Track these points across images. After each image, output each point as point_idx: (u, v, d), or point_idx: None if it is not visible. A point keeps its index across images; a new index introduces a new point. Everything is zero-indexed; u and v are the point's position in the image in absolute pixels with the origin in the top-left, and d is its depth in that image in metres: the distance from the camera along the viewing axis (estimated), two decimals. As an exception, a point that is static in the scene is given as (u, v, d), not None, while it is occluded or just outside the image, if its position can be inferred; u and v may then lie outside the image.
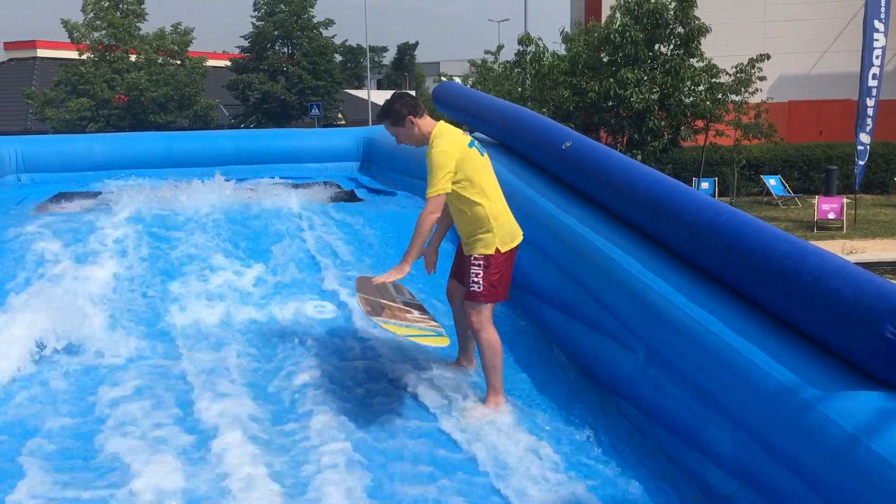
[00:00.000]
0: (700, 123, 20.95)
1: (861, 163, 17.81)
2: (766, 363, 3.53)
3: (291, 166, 9.54)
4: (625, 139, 21.37)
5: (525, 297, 5.68)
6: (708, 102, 20.32)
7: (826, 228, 17.66)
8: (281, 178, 8.92)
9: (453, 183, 4.26)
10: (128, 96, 28.53)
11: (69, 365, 4.75)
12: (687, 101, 20.61)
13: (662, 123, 20.66)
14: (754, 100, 20.51)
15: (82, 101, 27.96)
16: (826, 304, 3.45)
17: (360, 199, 7.96)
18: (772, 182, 21.54)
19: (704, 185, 20.58)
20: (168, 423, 4.16)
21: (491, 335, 4.32)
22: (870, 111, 17.31)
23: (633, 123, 20.81)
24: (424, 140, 4.40)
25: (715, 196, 19.76)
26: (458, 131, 4.45)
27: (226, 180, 7.51)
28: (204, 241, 6.30)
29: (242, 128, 34.35)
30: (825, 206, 17.88)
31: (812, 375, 3.37)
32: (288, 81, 36.51)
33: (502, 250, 4.31)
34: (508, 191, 6.18)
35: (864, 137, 17.53)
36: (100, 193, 7.53)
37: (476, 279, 4.27)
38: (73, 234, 6.23)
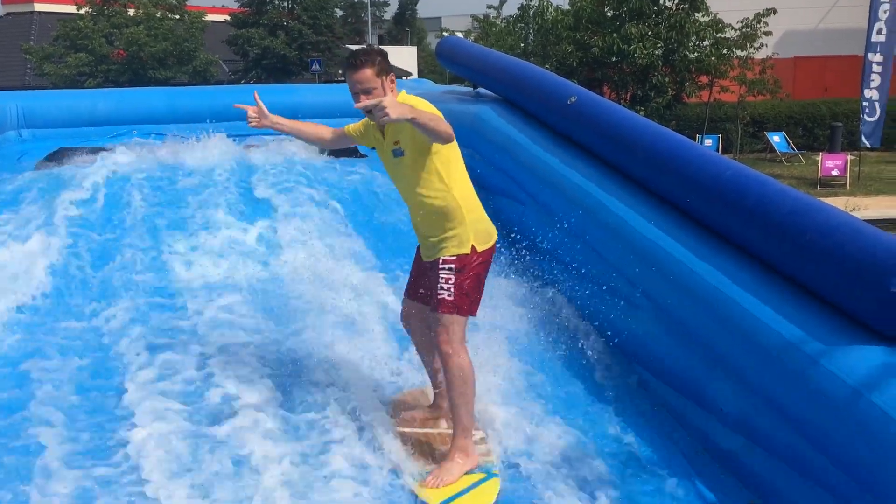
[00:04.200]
0: (704, 79, 20.78)
1: (869, 119, 17.63)
2: (770, 318, 3.54)
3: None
4: (628, 95, 21.21)
5: (531, 256, 5.67)
6: (713, 58, 20.13)
7: (829, 185, 17.61)
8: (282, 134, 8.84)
9: (429, 158, 3.43)
10: (126, 51, 28.21)
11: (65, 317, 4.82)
12: (691, 56, 20.42)
13: (666, 79, 20.50)
14: (759, 55, 20.31)
15: (80, 56, 27.65)
16: (831, 259, 3.45)
17: (362, 156, 7.91)
18: (776, 139, 21.43)
19: (708, 141, 20.48)
20: (175, 375, 4.21)
21: (463, 360, 3.45)
22: (875, 67, 17.16)
23: (636, 79, 20.65)
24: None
25: (718, 153, 19.69)
26: None
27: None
28: (205, 197, 6.28)
29: (242, 83, 34.06)
30: (829, 163, 17.80)
31: (816, 331, 3.39)
32: (288, 37, 36.06)
33: (479, 249, 3.48)
34: (513, 147, 6.18)
35: (869, 93, 17.38)
36: (102, 149, 7.49)
37: (446, 285, 3.43)
38: (72, 188, 6.22)
